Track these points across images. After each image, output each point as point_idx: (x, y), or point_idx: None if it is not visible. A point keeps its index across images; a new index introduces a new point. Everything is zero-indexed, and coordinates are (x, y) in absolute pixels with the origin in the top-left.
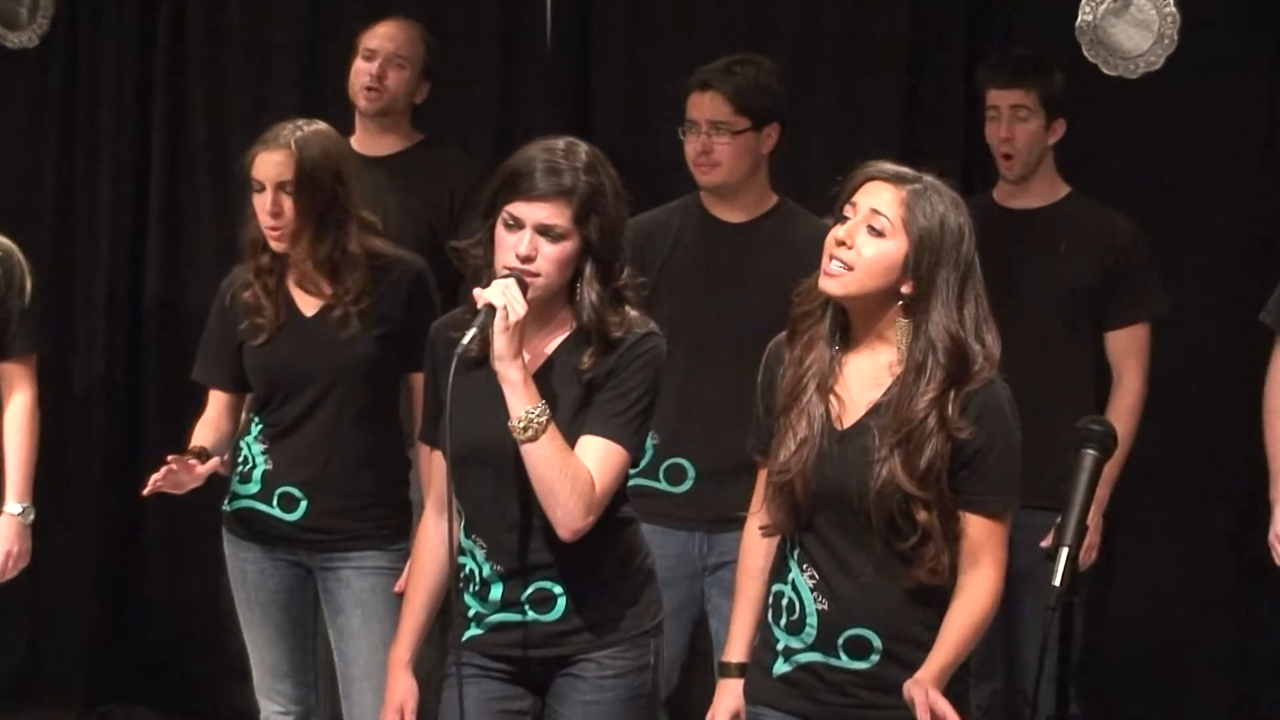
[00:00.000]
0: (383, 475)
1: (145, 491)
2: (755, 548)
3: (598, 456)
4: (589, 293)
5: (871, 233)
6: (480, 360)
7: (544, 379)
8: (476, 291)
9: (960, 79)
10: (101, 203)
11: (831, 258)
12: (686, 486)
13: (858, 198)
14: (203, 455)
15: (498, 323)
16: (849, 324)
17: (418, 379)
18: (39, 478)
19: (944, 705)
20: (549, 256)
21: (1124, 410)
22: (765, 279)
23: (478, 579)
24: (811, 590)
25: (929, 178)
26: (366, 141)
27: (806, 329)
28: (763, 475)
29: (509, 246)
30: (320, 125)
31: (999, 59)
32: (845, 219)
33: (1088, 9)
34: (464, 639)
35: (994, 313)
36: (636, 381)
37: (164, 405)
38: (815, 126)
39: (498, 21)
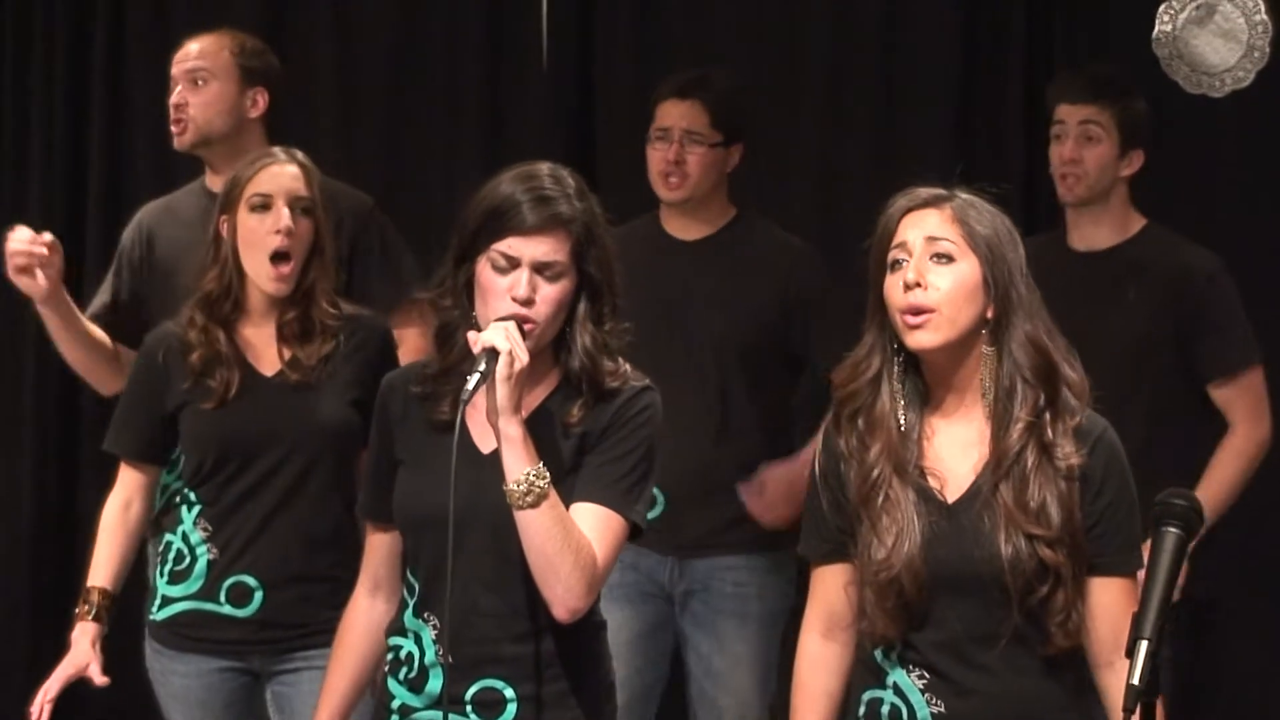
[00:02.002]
0: (350, 557)
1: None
2: (816, 663)
3: (597, 527)
4: (582, 336)
5: (939, 260)
6: (445, 424)
7: (531, 437)
8: (472, 335)
9: (1020, 106)
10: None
11: (907, 309)
12: (657, 513)
13: (903, 236)
14: (99, 609)
15: (501, 369)
16: (925, 385)
17: None
18: None
19: None
20: (547, 298)
21: (1229, 452)
22: (724, 296)
23: (416, 665)
24: (923, 692)
25: (961, 191)
26: (217, 182)
27: (856, 411)
28: (822, 576)
29: (501, 291)
30: None
31: (1073, 73)
32: (900, 263)
33: (1166, 18)
34: None
35: None
36: (635, 442)
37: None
38: (847, 169)
39: (486, 33)
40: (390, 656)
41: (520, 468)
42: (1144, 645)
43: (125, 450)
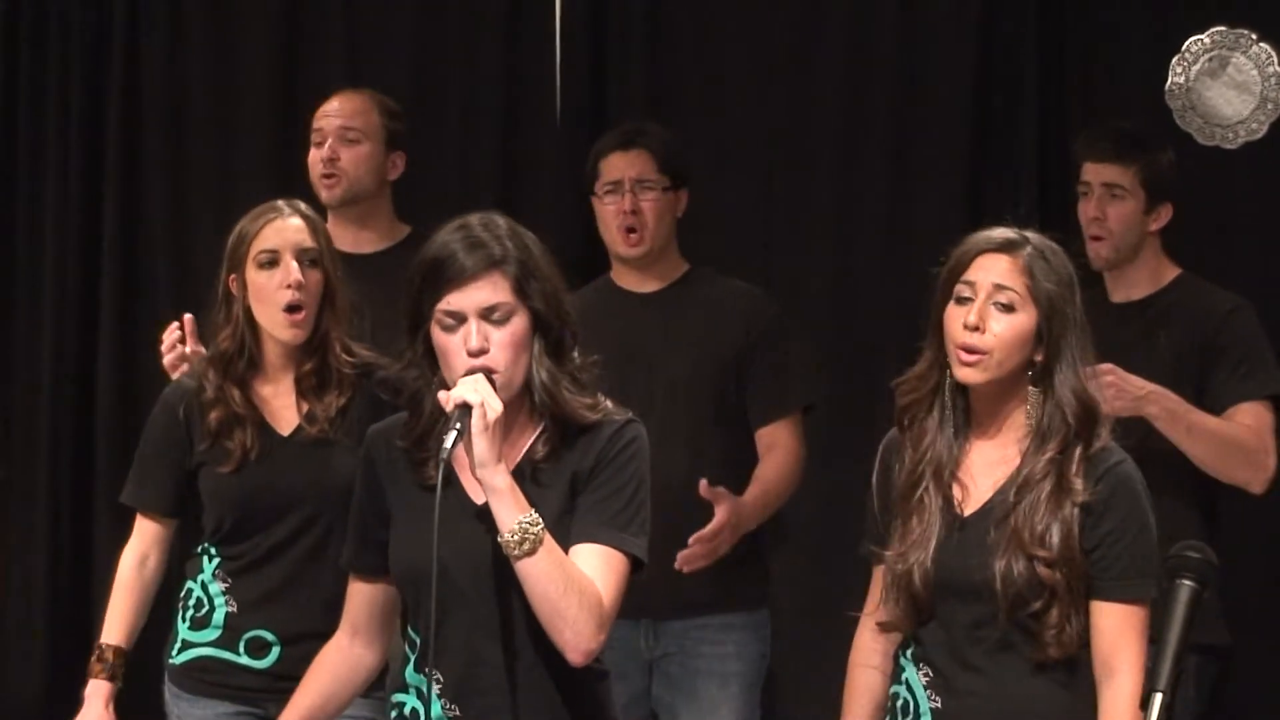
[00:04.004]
0: None
1: None
2: (867, 656)
3: (598, 566)
4: (539, 372)
5: (1000, 309)
6: (434, 486)
7: (520, 486)
8: (443, 394)
9: (1032, 156)
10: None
11: (963, 346)
12: None
13: (973, 275)
14: (114, 667)
15: (476, 423)
16: (970, 407)
17: None
18: None
19: None
20: (502, 342)
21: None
22: (683, 346)
23: None
24: (925, 688)
25: (1031, 235)
26: (341, 237)
27: (916, 419)
28: (878, 574)
29: (457, 348)
30: None
31: (1098, 130)
32: (965, 300)
33: (1179, 70)
34: None
35: None
36: (626, 477)
37: (119, 529)
38: (860, 221)
39: (500, 92)
40: (393, 714)
41: (512, 518)
42: (1158, 698)
43: (143, 505)
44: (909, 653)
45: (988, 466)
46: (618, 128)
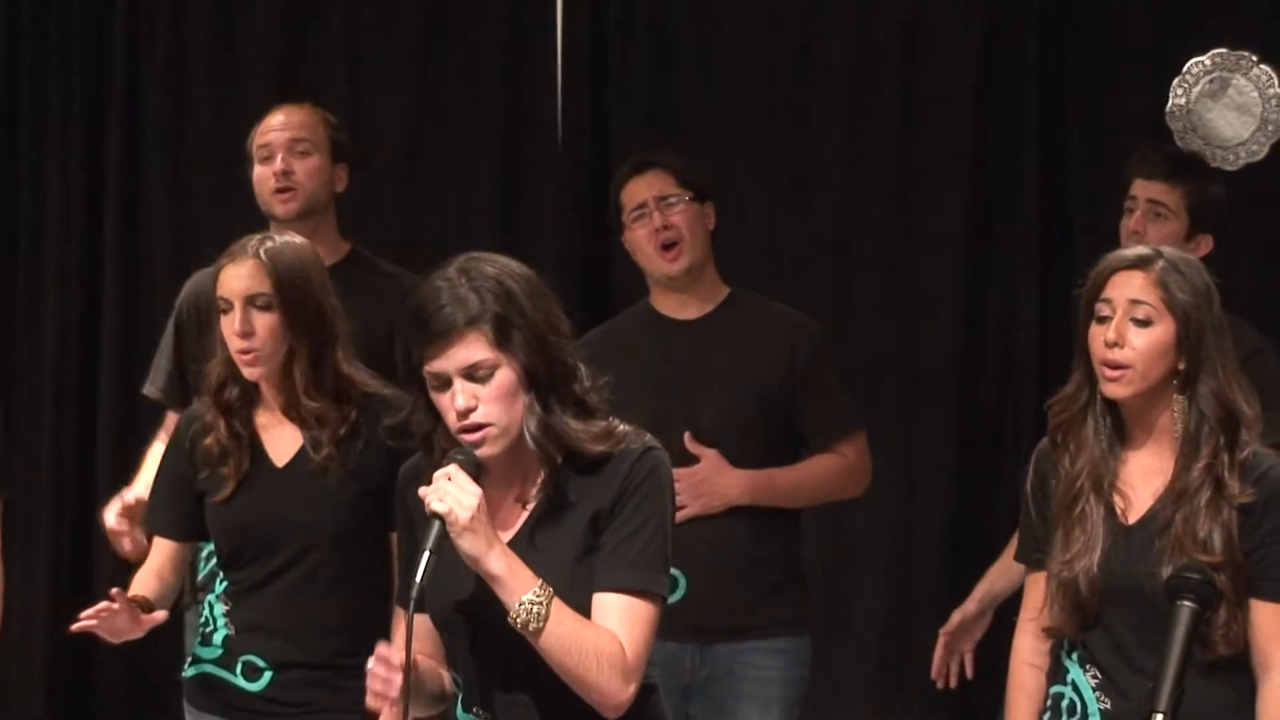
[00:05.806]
0: (360, 642)
1: (74, 626)
2: (1030, 660)
3: (623, 616)
4: (528, 422)
5: (1138, 324)
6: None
7: (534, 532)
8: (422, 491)
9: (1033, 177)
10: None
11: (1106, 362)
12: (679, 596)
13: (1109, 293)
14: (147, 606)
15: (451, 529)
16: (1121, 420)
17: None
18: None
19: None
20: (489, 398)
21: None
22: (726, 373)
23: None
24: (1094, 690)
25: (1164, 249)
26: None
27: (1069, 436)
28: (1037, 581)
29: (446, 408)
30: (292, 236)
31: (1152, 148)
32: (1104, 318)
33: (1180, 92)
34: None
35: None
36: (648, 512)
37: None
38: (866, 239)
39: (501, 109)
40: None
41: (514, 600)
42: (1159, 719)
43: (156, 529)
44: (1075, 655)
45: (1146, 475)
46: (628, 160)
